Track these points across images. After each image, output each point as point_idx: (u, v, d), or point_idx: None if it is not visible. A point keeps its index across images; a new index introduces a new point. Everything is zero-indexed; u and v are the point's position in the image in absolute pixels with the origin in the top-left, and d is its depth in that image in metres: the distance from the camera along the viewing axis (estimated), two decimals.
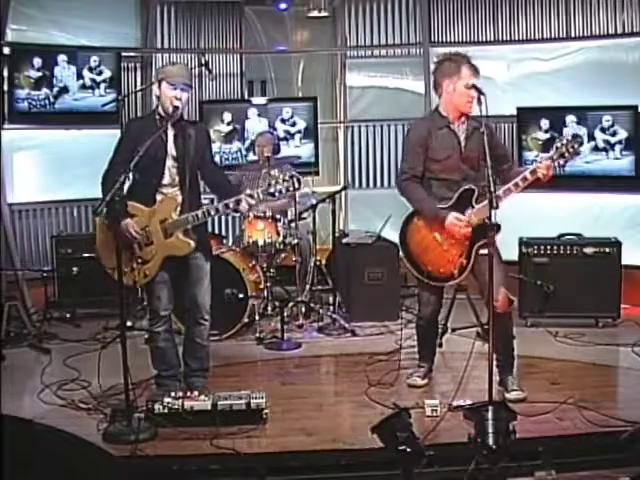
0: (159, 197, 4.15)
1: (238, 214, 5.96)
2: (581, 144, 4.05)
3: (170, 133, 4.14)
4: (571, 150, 4.01)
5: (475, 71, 4.15)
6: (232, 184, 4.55)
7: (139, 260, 4.11)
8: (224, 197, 4.19)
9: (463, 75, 4.13)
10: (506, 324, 4.24)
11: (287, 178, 4.07)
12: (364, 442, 3.56)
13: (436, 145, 4.22)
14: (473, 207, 4.15)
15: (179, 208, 4.13)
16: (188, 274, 4.23)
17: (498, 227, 4.03)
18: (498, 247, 4.26)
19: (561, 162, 4.06)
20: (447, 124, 4.23)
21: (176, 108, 4.06)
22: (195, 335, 4.33)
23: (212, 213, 4.13)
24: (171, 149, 4.14)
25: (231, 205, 4.10)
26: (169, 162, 4.13)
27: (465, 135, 4.22)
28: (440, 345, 5.04)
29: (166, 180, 4.14)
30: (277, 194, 4.09)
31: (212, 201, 4.27)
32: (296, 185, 4.06)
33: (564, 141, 4.03)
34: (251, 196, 4.07)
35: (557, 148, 4.03)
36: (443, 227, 4.19)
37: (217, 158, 6.86)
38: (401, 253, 4.42)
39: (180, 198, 4.14)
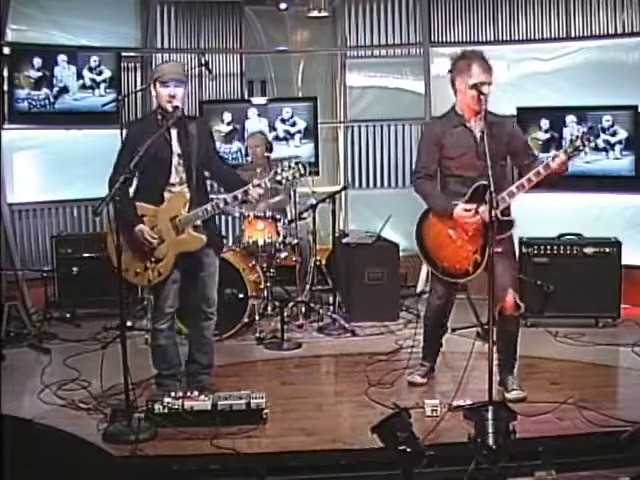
0: (167, 195, 4.16)
1: (238, 214, 5.98)
2: (597, 136, 4.01)
3: (173, 132, 4.15)
4: (586, 142, 3.93)
5: (486, 69, 4.11)
6: (241, 177, 4.55)
7: (152, 259, 4.12)
8: (233, 190, 4.18)
9: (473, 73, 4.10)
10: (512, 329, 4.25)
11: (292, 165, 4.08)
12: (364, 442, 3.55)
13: (450, 143, 4.22)
14: (486, 203, 4.09)
15: (188, 204, 4.14)
16: (199, 270, 4.24)
17: (511, 223, 4.04)
18: (514, 246, 4.28)
19: (577, 154, 3.97)
20: (462, 122, 4.23)
21: (176, 108, 4.06)
22: (204, 329, 4.35)
23: (221, 206, 4.12)
24: (176, 148, 4.15)
25: (239, 196, 4.10)
26: (175, 160, 4.14)
27: (482, 133, 4.14)
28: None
29: (173, 179, 4.15)
30: (284, 181, 4.10)
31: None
32: (302, 171, 4.07)
33: (579, 134, 3.98)
34: (259, 185, 4.07)
35: (571, 141, 3.98)
36: (456, 223, 4.20)
37: None
38: (417, 249, 4.41)
39: (188, 195, 4.14)
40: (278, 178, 4.07)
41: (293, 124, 7.32)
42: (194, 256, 4.19)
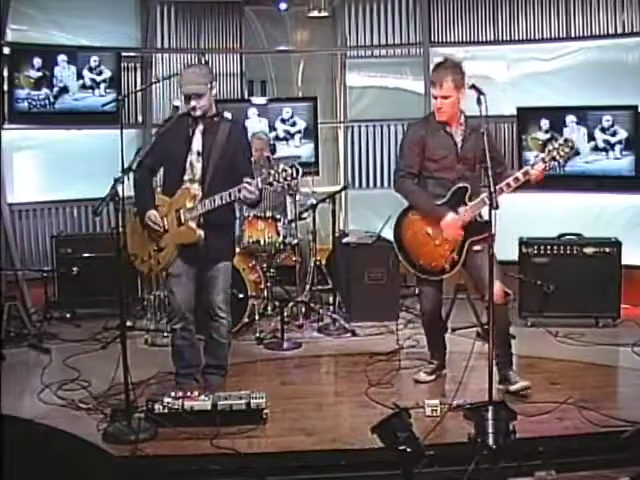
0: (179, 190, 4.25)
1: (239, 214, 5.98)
2: (572, 148, 4.11)
3: (198, 130, 4.19)
4: (562, 154, 4.09)
5: (437, 81, 4.20)
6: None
7: (155, 248, 4.22)
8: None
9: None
10: (503, 318, 4.26)
11: (286, 168, 4.08)
12: (364, 442, 3.55)
13: (432, 145, 4.28)
14: (466, 204, 4.21)
15: (194, 200, 4.15)
16: (205, 272, 4.28)
17: (489, 224, 4.09)
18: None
19: (553, 164, 4.12)
20: (443, 126, 4.28)
21: (176, 108, 4.13)
22: (211, 330, 4.38)
23: (218, 201, 4.11)
24: (197, 145, 4.19)
25: (233, 193, 4.09)
26: (191, 157, 4.18)
27: (462, 137, 4.28)
28: None
29: (187, 176, 4.19)
30: (275, 183, 4.08)
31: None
32: (294, 174, 4.06)
33: (556, 145, 4.11)
34: (249, 183, 4.05)
35: (549, 151, 4.12)
36: (436, 223, 4.25)
37: None
38: (395, 246, 4.48)
39: (198, 191, 4.16)
40: (270, 180, 4.06)
41: (293, 124, 7.31)
42: (204, 258, 4.22)
